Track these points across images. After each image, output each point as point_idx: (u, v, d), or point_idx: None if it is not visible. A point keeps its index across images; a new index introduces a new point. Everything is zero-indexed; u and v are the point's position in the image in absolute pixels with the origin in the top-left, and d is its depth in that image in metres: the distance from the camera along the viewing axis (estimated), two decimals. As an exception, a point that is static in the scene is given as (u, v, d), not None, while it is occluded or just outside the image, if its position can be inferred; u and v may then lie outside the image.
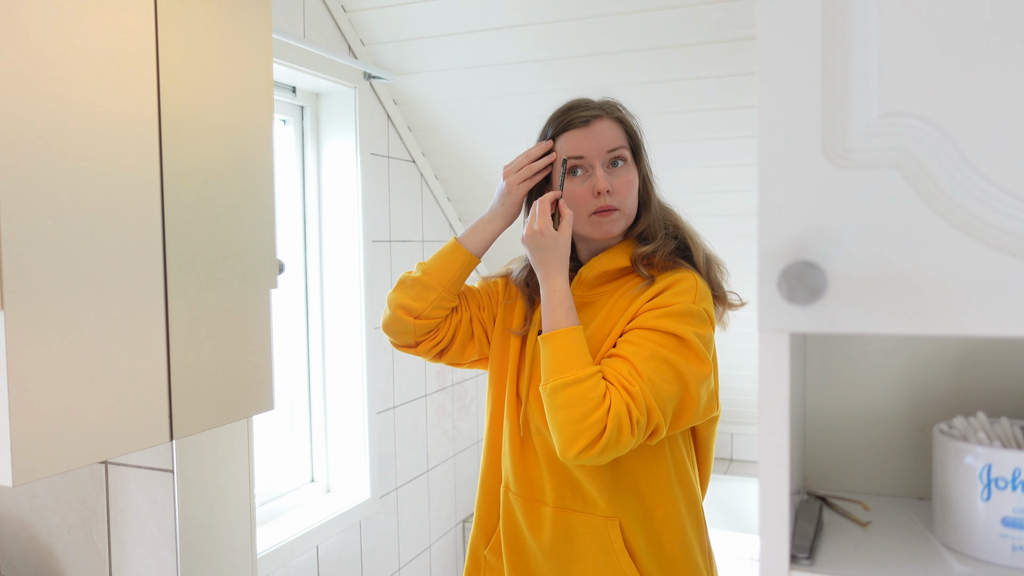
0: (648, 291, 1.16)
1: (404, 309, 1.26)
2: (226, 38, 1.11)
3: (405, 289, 1.27)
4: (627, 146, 1.22)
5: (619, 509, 1.17)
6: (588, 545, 1.18)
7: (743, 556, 2.32)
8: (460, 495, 2.75)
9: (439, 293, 1.25)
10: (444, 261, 1.27)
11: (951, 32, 0.55)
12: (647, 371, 1.07)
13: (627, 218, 1.21)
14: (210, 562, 1.30)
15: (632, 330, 1.13)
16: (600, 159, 1.19)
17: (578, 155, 1.20)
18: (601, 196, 1.18)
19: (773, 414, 0.62)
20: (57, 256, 0.87)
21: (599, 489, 1.17)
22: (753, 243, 0.61)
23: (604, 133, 1.20)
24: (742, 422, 3.06)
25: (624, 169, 1.20)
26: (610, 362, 1.10)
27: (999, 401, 0.83)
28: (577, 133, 1.20)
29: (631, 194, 1.20)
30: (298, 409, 2.15)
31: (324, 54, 1.93)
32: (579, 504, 1.19)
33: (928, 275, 0.56)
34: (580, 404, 1.04)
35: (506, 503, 1.28)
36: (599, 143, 1.19)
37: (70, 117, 0.89)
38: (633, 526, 1.18)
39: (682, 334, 1.10)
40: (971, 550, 0.70)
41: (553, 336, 1.12)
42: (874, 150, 0.57)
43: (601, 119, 1.21)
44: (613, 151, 1.19)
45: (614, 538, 1.17)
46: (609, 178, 1.19)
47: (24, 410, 0.84)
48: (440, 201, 2.58)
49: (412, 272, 1.29)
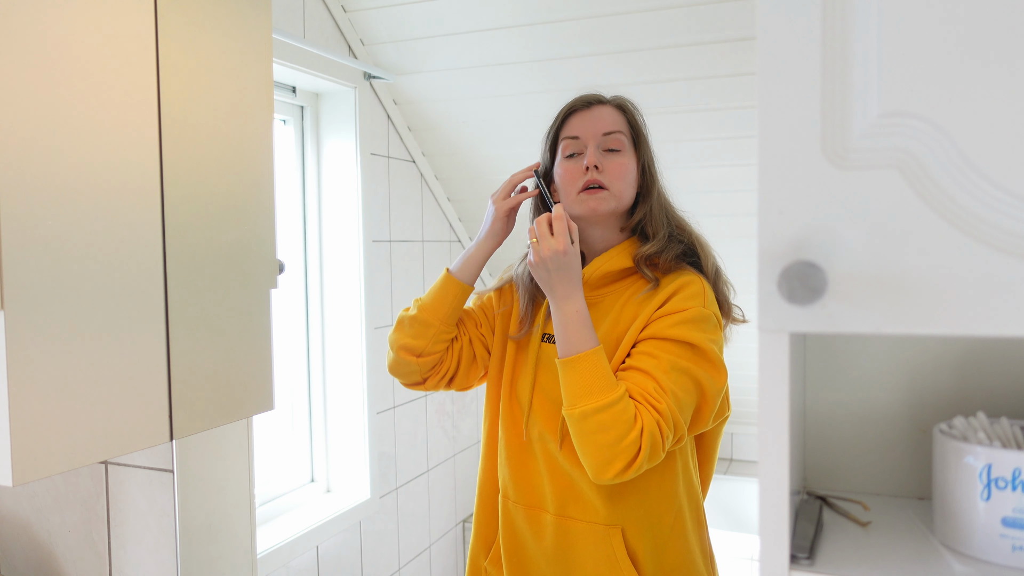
0: (657, 296, 1.16)
1: (406, 349, 1.26)
2: (226, 38, 1.11)
3: (404, 329, 1.27)
4: (625, 132, 1.22)
5: (622, 516, 1.17)
6: (590, 553, 1.18)
7: (743, 556, 2.32)
8: (460, 495, 2.75)
9: (437, 328, 1.25)
10: (438, 295, 1.27)
11: (951, 32, 0.55)
12: (669, 385, 1.08)
13: (616, 200, 1.20)
14: (210, 562, 1.30)
15: (647, 339, 1.13)
16: (595, 140, 1.20)
17: (574, 135, 1.21)
18: (589, 171, 1.18)
19: (773, 414, 0.62)
20: (57, 256, 0.87)
21: (602, 497, 1.16)
22: (753, 243, 0.61)
23: (602, 116, 1.22)
24: (742, 422, 3.06)
25: (619, 154, 1.21)
26: (633, 377, 1.10)
27: (999, 401, 0.83)
28: (577, 116, 1.23)
29: (623, 177, 1.20)
30: (298, 409, 2.15)
31: (324, 54, 1.93)
32: (580, 512, 1.18)
33: (928, 275, 0.56)
34: (613, 428, 1.04)
35: (505, 512, 1.27)
36: (595, 125, 1.21)
37: (69, 117, 0.89)
38: (636, 533, 1.17)
39: (698, 342, 1.10)
40: (971, 550, 0.70)
41: (577, 360, 1.09)
42: (874, 150, 0.57)
43: (603, 105, 1.24)
44: (609, 134, 1.20)
45: (616, 546, 1.16)
46: (602, 159, 1.19)
47: (24, 410, 0.84)
48: (440, 201, 2.58)
49: (409, 310, 1.28)
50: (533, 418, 1.22)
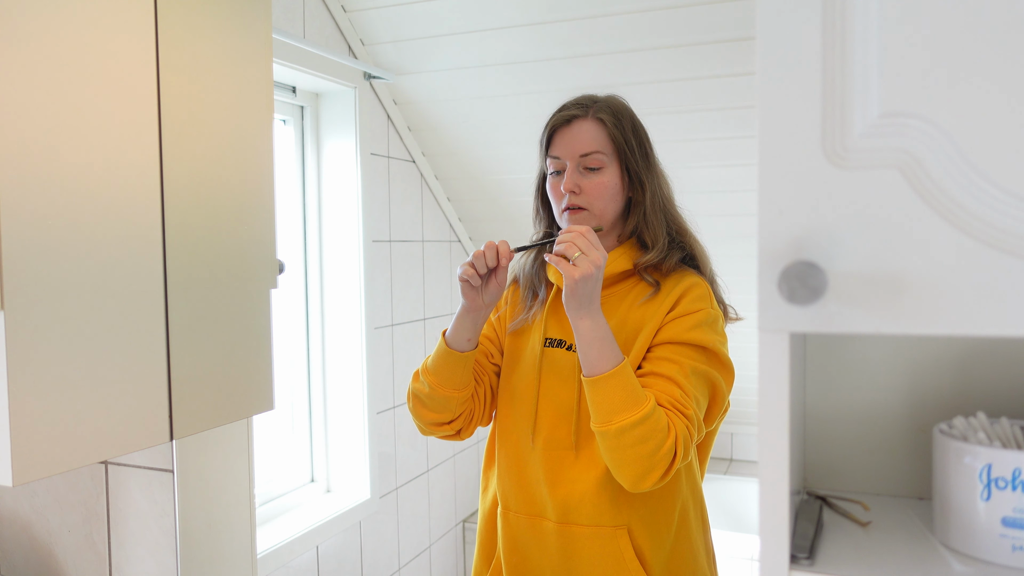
0: (665, 300, 1.17)
1: (436, 424, 1.26)
2: (226, 38, 1.11)
3: (425, 405, 1.25)
4: (604, 150, 1.20)
5: (628, 517, 1.17)
6: (597, 557, 1.18)
7: (743, 556, 2.32)
8: (460, 495, 2.75)
9: (457, 396, 1.23)
10: (446, 369, 1.22)
11: (951, 32, 0.55)
12: (691, 389, 1.12)
13: (598, 218, 1.21)
14: (210, 562, 1.30)
15: (664, 344, 1.15)
16: (574, 161, 1.20)
17: (556, 155, 1.23)
18: (567, 196, 1.20)
19: (773, 414, 0.62)
20: (57, 256, 0.87)
21: (608, 500, 1.16)
22: (753, 243, 0.61)
23: (581, 136, 1.20)
24: (742, 422, 3.06)
25: (598, 173, 1.20)
26: (658, 384, 1.12)
27: (999, 401, 0.83)
28: (558, 134, 1.23)
29: (602, 196, 1.20)
30: (298, 409, 2.15)
31: (324, 54, 1.93)
32: (584, 517, 1.18)
33: (928, 275, 0.56)
34: (651, 440, 1.06)
35: (505, 523, 1.26)
36: (573, 146, 1.21)
37: (69, 116, 0.89)
38: (643, 532, 1.17)
39: (710, 345, 1.15)
40: (971, 550, 0.70)
41: (609, 378, 1.08)
42: (874, 150, 0.57)
43: (583, 120, 1.21)
44: (586, 155, 1.20)
45: (624, 547, 1.16)
46: (581, 179, 1.20)
47: (24, 410, 0.84)
48: (440, 201, 2.58)
49: (420, 383, 1.25)
50: (539, 426, 1.22)
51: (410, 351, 2.41)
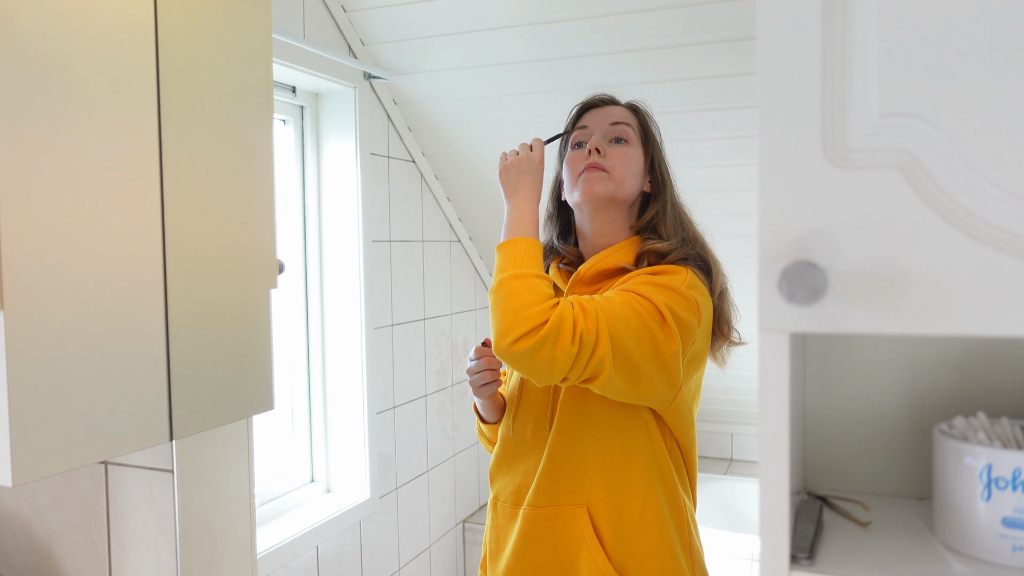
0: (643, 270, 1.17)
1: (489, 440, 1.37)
2: (226, 38, 1.11)
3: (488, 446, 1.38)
4: (633, 127, 1.25)
5: (587, 497, 1.16)
6: (559, 536, 1.18)
7: (743, 556, 2.32)
8: (460, 495, 2.75)
9: None
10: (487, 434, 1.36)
11: (951, 32, 0.55)
12: (610, 310, 1.04)
13: (616, 185, 1.19)
14: (210, 562, 1.30)
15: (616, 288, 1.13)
16: (601, 129, 1.23)
17: (583, 125, 1.25)
18: (591, 155, 1.20)
19: (773, 414, 0.62)
20: (57, 256, 0.87)
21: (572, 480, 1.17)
22: (753, 243, 0.61)
23: (613, 111, 1.26)
24: (742, 422, 3.06)
25: (625, 144, 1.23)
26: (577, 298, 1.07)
27: (999, 401, 0.83)
28: (589, 112, 1.28)
29: (626, 166, 1.21)
30: (298, 409, 2.15)
31: (324, 54, 1.93)
32: (548, 499, 1.18)
33: (928, 275, 0.56)
34: (525, 295, 1.03)
35: (493, 514, 1.29)
36: (604, 117, 1.25)
37: (67, 115, 0.89)
38: (602, 513, 1.16)
39: (660, 307, 1.06)
40: (971, 550, 0.70)
41: (511, 243, 1.11)
42: (874, 150, 0.57)
43: (616, 105, 1.29)
44: (616, 124, 1.23)
45: (583, 525, 1.16)
46: (606, 145, 1.22)
47: (24, 410, 0.84)
48: (440, 201, 2.58)
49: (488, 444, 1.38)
50: (522, 410, 1.23)
51: (410, 351, 2.41)
